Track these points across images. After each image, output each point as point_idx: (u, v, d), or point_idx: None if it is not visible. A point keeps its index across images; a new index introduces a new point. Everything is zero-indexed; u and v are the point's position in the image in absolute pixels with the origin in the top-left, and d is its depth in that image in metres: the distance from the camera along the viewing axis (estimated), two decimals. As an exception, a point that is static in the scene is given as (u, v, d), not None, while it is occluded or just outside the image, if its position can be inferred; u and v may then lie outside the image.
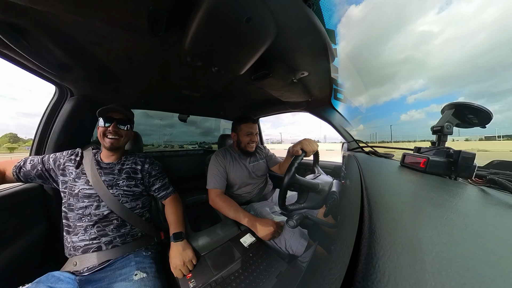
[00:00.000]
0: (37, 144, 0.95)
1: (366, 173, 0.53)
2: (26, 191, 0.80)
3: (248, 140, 1.17)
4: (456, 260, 0.14)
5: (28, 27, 0.57)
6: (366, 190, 0.36)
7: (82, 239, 0.70)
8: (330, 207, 0.67)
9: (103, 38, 0.65)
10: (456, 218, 0.21)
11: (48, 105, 0.98)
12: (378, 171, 0.60)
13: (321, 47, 0.66)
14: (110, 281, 0.62)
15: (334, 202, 0.67)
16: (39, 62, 0.71)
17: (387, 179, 0.47)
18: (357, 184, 0.44)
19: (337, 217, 0.69)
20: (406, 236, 0.18)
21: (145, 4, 0.48)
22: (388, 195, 0.33)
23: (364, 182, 0.42)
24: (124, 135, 0.84)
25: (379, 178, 0.49)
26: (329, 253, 0.71)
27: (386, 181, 0.46)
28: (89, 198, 0.74)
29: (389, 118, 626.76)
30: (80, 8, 0.48)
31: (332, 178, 0.81)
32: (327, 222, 0.69)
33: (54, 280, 0.58)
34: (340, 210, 0.64)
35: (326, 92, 1.09)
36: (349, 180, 0.69)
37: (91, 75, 0.88)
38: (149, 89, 1.16)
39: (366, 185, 0.39)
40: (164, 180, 0.97)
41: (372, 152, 0.92)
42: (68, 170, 0.77)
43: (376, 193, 0.33)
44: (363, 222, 0.25)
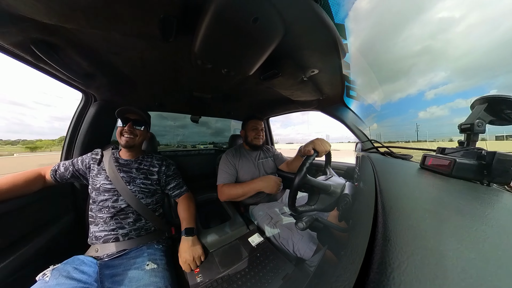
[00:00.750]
0: (67, 144, 1.07)
1: (381, 175, 0.49)
2: (59, 185, 0.90)
3: (254, 134, 1.26)
4: (486, 279, 0.12)
5: (59, 43, 0.65)
6: (381, 193, 0.34)
7: (102, 229, 0.77)
8: (342, 210, 0.64)
9: (121, 47, 0.72)
10: (488, 230, 0.18)
11: (76, 110, 1.10)
12: (394, 173, 0.55)
13: (330, 42, 0.64)
14: (125, 268, 0.68)
15: (346, 205, 0.65)
16: (68, 72, 0.80)
17: (404, 183, 0.44)
18: (371, 187, 0.41)
19: (348, 221, 0.66)
20: (427, 247, 0.16)
21: (156, 13, 0.51)
22: (406, 200, 0.30)
23: (379, 185, 0.39)
24: (139, 134, 0.89)
25: (395, 181, 0.45)
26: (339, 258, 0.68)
27: (403, 184, 0.42)
28: (108, 192, 0.81)
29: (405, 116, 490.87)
30: (101, 23, 0.53)
31: (344, 180, 0.78)
32: (338, 226, 0.66)
33: (79, 262, 0.66)
34: (352, 213, 0.61)
35: (338, 90, 1.06)
36: (363, 182, 0.66)
37: (111, 81, 0.96)
38: (163, 92, 1.23)
39: (380, 188, 0.37)
40: (179, 179, 1.02)
41: (388, 153, 0.86)
42: (92, 168, 0.86)
43: (392, 197, 0.31)
44: (377, 228, 0.23)
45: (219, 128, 2.82)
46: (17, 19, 0.51)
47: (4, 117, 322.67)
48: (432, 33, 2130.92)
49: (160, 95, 1.27)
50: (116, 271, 0.67)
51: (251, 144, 1.28)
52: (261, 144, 1.29)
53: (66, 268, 0.62)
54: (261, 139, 1.28)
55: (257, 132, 1.26)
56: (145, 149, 1.16)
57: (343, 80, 0.94)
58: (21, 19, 0.52)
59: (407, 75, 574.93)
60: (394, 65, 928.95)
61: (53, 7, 0.47)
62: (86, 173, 0.86)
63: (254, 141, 1.26)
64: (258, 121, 1.28)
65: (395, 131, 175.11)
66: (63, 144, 1.08)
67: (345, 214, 0.67)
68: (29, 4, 0.46)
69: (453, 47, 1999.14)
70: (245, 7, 0.49)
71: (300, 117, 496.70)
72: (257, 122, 1.28)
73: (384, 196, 0.32)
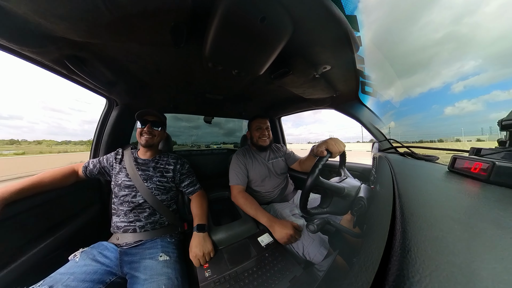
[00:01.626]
0: (95, 144, 1.20)
1: (400, 178, 0.45)
2: (88, 180, 1.01)
3: (258, 134, 1.21)
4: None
5: (87, 57, 0.75)
6: (400, 198, 0.31)
7: (122, 220, 0.84)
8: (356, 214, 0.61)
9: (137, 56, 0.79)
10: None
11: (101, 114, 1.23)
12: (416, 176, 0.50)
13: (342, 36, 0.61)
14: (141, 257, 0.73)
15: (361, 209, 0.61)
16: (94, 81, 0.91)
17: (428, 187, 0.39)
18: (389, 191, 0.38)
19: (363, 226, 0.62)
20: (454, 263, 0.14)
21: (167, 21, 0.55)
22: (430, 207, 0.27)
23: (397, 189, 0.36)
24: (157, 134, 0.96)
25: (417, 184, 0.41)
26: (350, 265, 0.64)
27: (427, 189, 0.37)
28: (128, 188, 0.88)
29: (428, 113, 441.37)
30: (120, 36, 0.60)
31: (360, 182, 0.73)
32: (351, 231, 0.63)
33: (103, 248, 0.75)
34: (367, 218, 0.57)
35: (352, 86, 1.00)
36: (380, 185, 0.61)
37: (130, 87, 1.06)
38: (177, 95, 1.30)
39: (399, 192, 0.34)
40: (192, 178, 1.07)
41: (408, 153, 0.78)
42: (114, 165, 0.94)
43: (413, 203, 0.28)
44: (394, 236, 0.21)
45: (230, 129, 2.87)
46: (54, 39, 0.61)
47: (46, 121, 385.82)
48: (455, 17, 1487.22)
49: (174, 97, 1.34)
50: (133, 258, 0.73)
51: (257, 145, 1.24)
52: (267, 145, 1.23)
53: (92, 251, 0.70)
54: (267, 139, 1.22)
55: (261, 132, 1.21)
56: (161, 148, 1.23)
57: (357, 76, 0.89)
58: (57, 39, 0.61)
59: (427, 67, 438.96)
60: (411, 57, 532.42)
61: (82, 27, 0.54)
62: (109, 170, 0.94)
63: (260, 142, 1.21)
64: (261, 119, 1.22)
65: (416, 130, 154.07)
66: (92, 144, 1.21)
67: (359, 219, 0.63)
68: (62, 26, 0.53)
69: (483, 31, 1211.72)
70: (251, 7, 0.50)
71: (312, 116, 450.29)
72: (261, 121, 1.22)
73: (404, 201, 0.29)
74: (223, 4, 0.49)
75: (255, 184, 1.21)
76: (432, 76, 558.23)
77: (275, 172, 1.25)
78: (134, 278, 0.65)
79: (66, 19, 0.51)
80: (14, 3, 0.46)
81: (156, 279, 0.64)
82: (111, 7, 0.47)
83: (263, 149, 1.26)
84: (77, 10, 0.48)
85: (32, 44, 0.61)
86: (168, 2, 0.49)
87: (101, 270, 0.65)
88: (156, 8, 0.50)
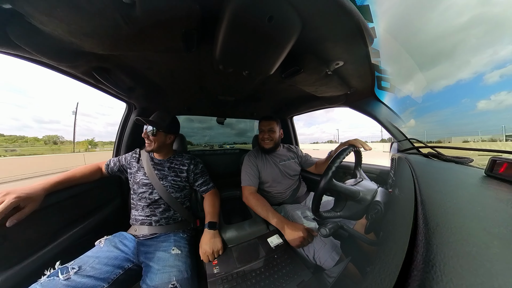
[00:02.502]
0: (117, 144, 1.32)
1: (424, 182, 0.41)
2: (111, 177, 1.11)
3: (261, 137, 1.23)
4: None
5: (110, 67, 0.84)
6: (423, 205, 0.28)
7: (140, 214, 0.91)
8: (372, 219, 0.57)
9: (152, 63, 0.86)
10: None
11: (122, 117, 1.35)
12: (443, 180, 0.44)
13: (354, 29, 0.58)
14: (155, 249, 0.78)
15: (377, 214, 0.57)
16: (116, 88, 1.00)
17: (459, 194, 0.34)
18: (410, 196, 0.35)
19: (379, 232, 0.58)
20: (492, 287, 0.13)
21: (178, 29, 0.58)
22: (461, 218, 0.23)
23: (420, 194, 0.33)
24: (153, 140, 0.93)
25: (445, 190, 0.36)
26: (363, 274, 0.60)
27: (457, 196, 0.32)
28: (145, 186, 0.94)
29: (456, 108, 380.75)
30: (137, 45, 0.65)
31: (376, 185, 0.69)
32: (366, 237, 0.59)
33: (123, 237, 0.82)
34: (384, 225, 0.53)
35: (367, 82, 0.94)
36: (399, 189, 0.56)
37: (146, 92, 1.15)
38: (190, 98, 1.37)
39: (422, 198, 0.31)
40: (206, 177, 1.10)
41: (433, 154, 0.70)
42: (132, 164, 1.01)
43: (440, 211, 0.25)
44: (416, 247, 0.19)
45: (242, 129, 2.91)
46: (84, 54, 0.70)
47: (78, 124, 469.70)
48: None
49: (188, 100, 1.41)
50: (148, 249, 0.78)
51: (261, 147, 1.25)
52: (270, 147, 1.21)
53: (114, 239, 0.78)
54: (268, 142, 1.21)
55: (263, 135, 1.21)
56: (176, 149, 1.30)
57: (373, 70, 0.83)
58: (86, 54, 0.70)
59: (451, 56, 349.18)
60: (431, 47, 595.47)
61: (105, 41, 0.62)
62: (128, 169, 1.02)
63: (263, 144, 1.22)
64: (263, 122, 1.22)
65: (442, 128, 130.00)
66: (114, 144, 1.34)
67: (375, 225, 0.59)
68: (89, 42, 0.61)
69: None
70: (258, 8, 0.50)
71: (324, 115, 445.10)
72: (263, 123, 1.21)
73: (428, 209, 0.26)
74: (230, 8, 0.50)
75: (267, 185, 1.20)
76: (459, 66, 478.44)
77: (287, 174, 1.23)
78: (148, 267, 0.70)
79: (92, 36, 0.58)
80: (52, 27, 0.53)
81: (167, 270, 0.68)
82: (129, 22, 0.52)
83: (266, 152, 1.25)
84: (101, 28, 0.55)
85: (67, 60, 0.71)
86: (178, 11, 0.52)
87: (121, 256, 0.72)
88: (168, 18, 0.53)
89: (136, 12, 0.49)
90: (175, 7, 0.51)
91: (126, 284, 0.69)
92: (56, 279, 0.57)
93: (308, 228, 0.80)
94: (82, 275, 0.60)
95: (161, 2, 0.49)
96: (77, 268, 0.62)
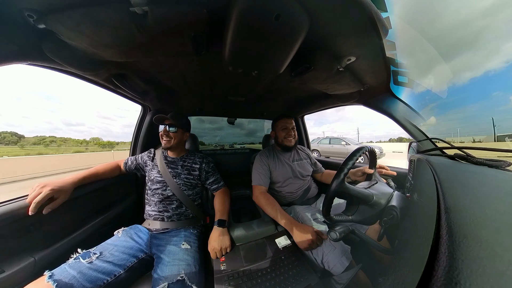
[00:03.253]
0: (133, 144, 1.42)
1: (449, 187, 0.37)
2: (128, 174, 1.20)
3: (284, 135, 1.20)
4: None
5: (127, 73, 0.92)
6: (448, 213, 0.25)
7: (153, 209, 0.97)
8: (386, 225, 0.53)
9: (165, 67, 0.91)
10: None
11: (138, 119, 1.44)
12: (474, 186, 0.39)
13: (366, 21, 0.54)
14: (166, 243, 0.83)
15: (392, 220, 0.53)
16: (132, 92, 1.08)
17: (494, 202, 0.29)
18: (431, 202, 0.32)
19: (393, 240, 0.54)
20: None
21: (188, 33, 0.61)
22: (494, 230, 0.20)
23: (444, 201, 0.30)
24: (173, 137, 1.02)
25: (475, 197, 0.32)
26: (374, 285, 0.57)
27: (490, 204, 0.28)
28: (159, 183, 1.00)
29: (487, 103, 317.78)
30: (150, 52, 0.70)
31: (392, 189, 0.64)
32: (378, 244, 0.55)
33: (138, 230, 0.88)
34: (400, 232, 0.50)
35: (382, 77, 0.88)
36: (418, 194, 0.52)
37: (160, 94, 1.22)
38: (201, 99, 1.42)
39: (447, 205, 0.28)
40: (217, 175, 1.14)
41: (460, 156, 0.62)
42: (147, 163, 1.08)
43: (468, 222, 0.22)
44: (437, 260, 0.18)
45: (252, 129, 2.95)
46: (104, 63, 0.77)
47: (99, 126, 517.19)
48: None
49: (199, 101, 1.47)
50: (160, 242, 0.83)
51: (282, 145, 1.23)
52: (292, 145, 1.22)
53: (130, 231, 0.85)
54: (292, 139, 1.21)
55: (287, 132, 1.20)
56: (189, 148, 1.36)
57: (388, 65, 0.77)
58: (106, 63, 0.77)
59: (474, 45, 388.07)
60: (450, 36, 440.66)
61: (122, 50, 0.67)
62: (143, 167, 1.09)
63: (285, 142, 1.21)
64: (287, 119, 1.22)
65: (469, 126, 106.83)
66: (131, 144, 1.44)
67: (389, 231, 0.56)
68: (109, 52, 0.68)
69: None
70: (264, 7, 0.50)
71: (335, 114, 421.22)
72: (287, 121, 1.21)
73: (454, 218, 0.23)
74: (236, 9, 0.51)
75: (278, 185, 1.19)
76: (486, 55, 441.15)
77: (299, 174, 1.21)
78: (159, 259, 0.74)
79: (111, 47, 0.64)
80: (78, 41, 0.60)
81: (177, 264, 0.71)
82: (142, 31, 0.57)
83: (288, 150, 1.25)
84: (118, 38, 0.60)
85: (90, 69, 0.79)
86: (187, 17, 0.54)
87: (136, 247, 0.78)
88: (177, 24, 0.56)
89: (148, 22, 0.53)
90: (184, 13, 0.53)
91: (139, 272, 0.75)
92: (81, 261, 0.64)
93: (317, 231, 0.78)
94: (103, 260, 0.67)
95: (171, 10, 0.52)
96: (99, 253, 0.69)
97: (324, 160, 1.69)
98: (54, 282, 0.55)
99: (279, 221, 0.90)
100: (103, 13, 0.50)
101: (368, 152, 0.73)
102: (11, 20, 0.51)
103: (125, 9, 0.49)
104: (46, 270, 0.59)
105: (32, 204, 0.65)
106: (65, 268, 0.60)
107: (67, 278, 0.57)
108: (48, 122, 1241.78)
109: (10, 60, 0.58)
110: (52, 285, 0.54)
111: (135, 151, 1.39)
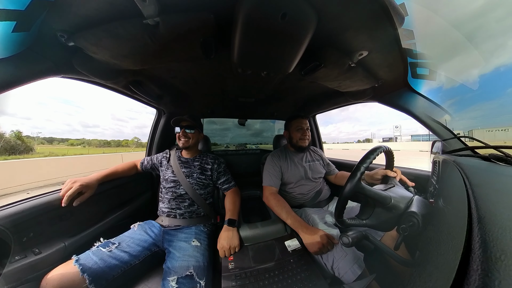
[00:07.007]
0: (149, 145, 1.51)
1: (483, 192, 0.32)
2: (144, 173, 1.28)
3: (299, 135, 1.18)
4: None
5: (142, 79, 0.99)
6: (481, 223, 0.22)
7: (166, 207, 1.02)
8: (404, 233, 0.49)
9: (177, 72, 0.97)
10: None
11: (153, 122, 1.54)
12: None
13: (378, 11, 0.50)
14: (178, 239, 0.87)
15: (412, 228, 0.49)
16: (148, 97, 1.17)
17: None
18: (460, 210, 0.29)
19: (414, 251, 0.50)
20: None
21: (197, 39, 0.64)
22: None
23: (477, 209, 0.26)
24: (191, 137, 1.09)
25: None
26: None
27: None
28: (173, 182, 1.05)
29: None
30: (163, 59, 0.75)
31: (412, 193, 0.59)
32: (396, 254, 0.51)
33: (152, 225, 0.93)
34: (422, 243, 0.46)
35: (398, 71, 0.81)
36: (444, 200, 0.47)
37: (173, 98, 1.29)
38: (213, 101, 1.48)
39: (480, 214, 0.25)
40: (228, 175, 1.17)
41: (498, 157, 0.53)
42: (163, 163, 1.15)
43: (508, 235, 0.20)
44: (468, 278, 0.16)
45: (261, 130, 3.00)
46: (123, 71, 0.85)
47: (112, 128, 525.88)
48: None
49: (211, 103, 1.52)
50: (172, 238, 0.88)
51: (296, 146, 1.21)
52: (307, 146, 1.20)
53: (145, 226, 0.91)
54: (307, 140, 1.19)
55: (302, 133, 1.18)
56: (201, 149, 1.41)
57: (404, 57, 0.71)
58: (124, 71, 0.85)
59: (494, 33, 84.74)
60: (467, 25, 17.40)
61: (138, 59, 0.74)
62: (158, 167, 1.16)
63: (300, 143, 1.19)
64: (302, 120, 1.20)
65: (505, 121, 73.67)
66: (147, 145, 1.54)
67: (409, 240, 0.51)
68: (126, 61, 0.75)
69: None
70: (269, 6, 0.50)
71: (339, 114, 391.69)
72: (302, 121, 1.19)
73: (489, 230, 0.21)
74: (242, 11, 0.51)
75: (290, 186, 1.18)
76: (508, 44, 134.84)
77: (311, 175, 1.18)
78: (170, 253, 0.79)
79: (128, 56, 0.71)
80: (100, 54, 0.68)
81: (187, 259, 0.75)
82: (155, 40, 0.61)
83: (301, 150, 1.23)
84: (134, 48, 0.66)
85: (111, 78, 0.87)
86: (195, 23, 0.57)
87: (149, 240, 0.84)
88: (186, 31, 0.59)
89: (160, 31, 0.57)
90: (192, 20, 0.56)
91: (151, 264, 0.80)
92: (102, 250, 0.71)
93: (328, 235, 0.75)
94: (121, 250, 0.74)
95: (180, 18, 0.55)
96: (117, 243, 0.76)
97: (338, 161, 1.62)
98: (80, 265, 0.63)
99: (288, 222, 0.89)
100: (120, 27, 0.56)
101: (385, 152, 0.68)
102: (47, 40, 0.59)
103: (139, 22, 0.53)
104: (74, 254, 0.68)
105: (65, 197, 0.74)
106: (89, 255, 0.68)
107: (90, 263, 0.65)
108: (67, 124, 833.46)
109: (48, 74, 0.66)
110: (77, 268, 0.62)
111: (151, 152, 1.49)
